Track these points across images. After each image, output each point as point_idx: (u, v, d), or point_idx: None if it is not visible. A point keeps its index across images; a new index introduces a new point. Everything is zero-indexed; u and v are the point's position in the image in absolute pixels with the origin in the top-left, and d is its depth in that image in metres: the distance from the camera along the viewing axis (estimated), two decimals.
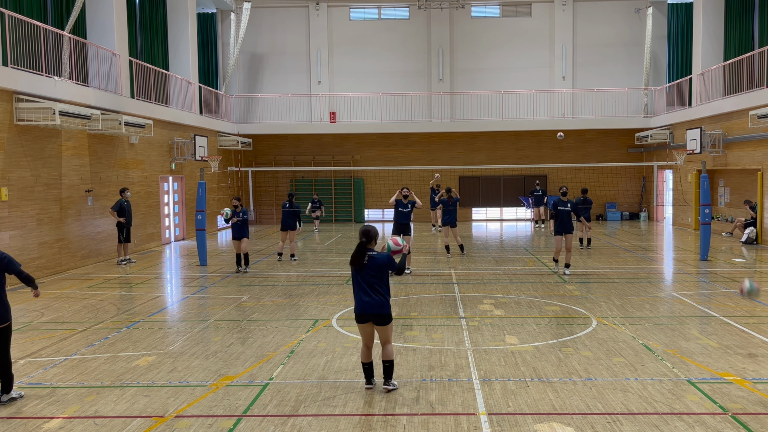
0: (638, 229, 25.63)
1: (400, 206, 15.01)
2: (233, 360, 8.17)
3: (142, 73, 20.77)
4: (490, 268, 15.64)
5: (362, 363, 7.08)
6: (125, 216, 16.70)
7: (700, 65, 24.26)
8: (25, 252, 14.40)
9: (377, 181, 29.58)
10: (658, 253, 18.67)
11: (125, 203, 16.82)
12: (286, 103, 29.52)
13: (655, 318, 10.25)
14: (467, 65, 30.09)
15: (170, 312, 11.41)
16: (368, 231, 7.05)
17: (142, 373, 7.67)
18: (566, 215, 14.60)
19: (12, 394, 6.84)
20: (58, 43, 16.22)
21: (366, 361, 7.05)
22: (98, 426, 6.15)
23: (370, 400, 6.69)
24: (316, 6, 29.93)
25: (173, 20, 24.16)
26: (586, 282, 13.55)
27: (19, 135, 14.37)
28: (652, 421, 6.07)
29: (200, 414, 6.39)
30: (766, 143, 19.52)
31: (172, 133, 22.33)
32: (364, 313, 6.92)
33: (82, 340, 9.24)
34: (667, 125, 26.61)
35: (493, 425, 6.03)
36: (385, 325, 6.94)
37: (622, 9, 29.64)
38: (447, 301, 11.72)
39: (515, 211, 30.41)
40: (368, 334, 7.02)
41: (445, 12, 29.73)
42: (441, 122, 29.25)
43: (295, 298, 12.25)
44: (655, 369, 7.60)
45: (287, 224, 16.86)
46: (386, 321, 6.93)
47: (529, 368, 7.67)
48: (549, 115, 29.48)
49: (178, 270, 16.49)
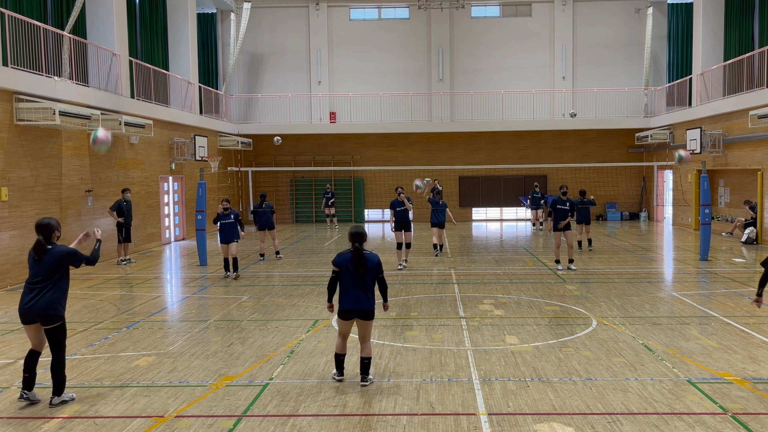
0: (638, 229, 25.63)
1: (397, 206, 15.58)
2: (233, 360, 8.17)
3: (142, 73, 20.77)
4: (490, 268, 15.64)
5: (336, 354, 7.28)
6: (124, 216, 16.73)
7: (700, 65, 24.26)
8: (25, 252, 14.39)
9: (377, 181, 29.57)
10: (658, 253, 18.67)
11: (124, 203, 16.83)
12: (286, 103, 29.52)
13: (655, 318, 10.25)
14: (467, 65, 30.09)
15: (170, 312, 11.41)
16: (361, 234, 7.17)
17: (142, 373, 7.67)
18: (564, 214, 14.63)
19: (63, 396, 6.70)
20: (58, 43, 16.22)
21: (341, 352, 7.27)
22: (98, 426, 6.14)
23: (370, 400, 6.69)
24: (316, 6, 29.94)
25: (173, 20, 24.16)
26: (586, 282, 13.55)
27: (19, 135, 14.37)
28: (652, 421, 6.07)
29: (200, 414, 6.39)
30: (766, 143, 19.52)
31: (172, 133, 22.34)
32: (354, 309, 7.08)
33: (82, 340, 9.23)
34: (667, 125, 26.61)
35: (493, 425, 6.03)
36: (370, 321, 7.16)
37: (622, 9, 29.65)
38: (447, 301, 11.72)
39: (515, 211, 30.42)
40: (348, 329, 7.25)
41: (445, 12, 29.73)
42: (441, 122, 29.26)
43: (295, 298, 12.25)
44: (655, 369, 7.60)
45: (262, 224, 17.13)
46: (371, 317, 7.16)
47: (529, 368, 7.67)
48: (549, 115, 29.48)
49: (178, 270, 16.49)
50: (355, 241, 7.16)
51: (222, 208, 14.56)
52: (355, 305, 7.08)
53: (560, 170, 28.55)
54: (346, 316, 7.15)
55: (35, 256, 6.68)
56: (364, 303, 7.09)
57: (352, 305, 7.09)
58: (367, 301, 7.10)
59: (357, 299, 7.08)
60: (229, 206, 14.61)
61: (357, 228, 7.22)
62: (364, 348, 7.18)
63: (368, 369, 7.16)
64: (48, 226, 6.79)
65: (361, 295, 7.09)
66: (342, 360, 7.32)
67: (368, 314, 7.13)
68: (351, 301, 7.10)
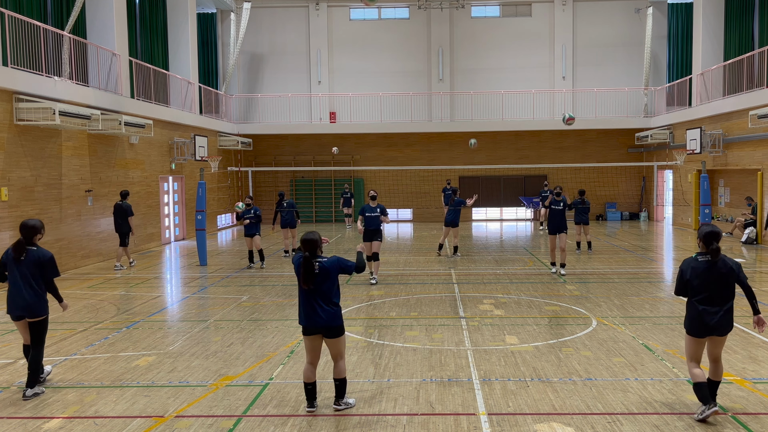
0: (638, 229, 25.63)
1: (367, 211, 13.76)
2: (233, 360, 8.17)
3: (142, 73, 20.77)
4: (490, 268, 15.63)
5: (304, 384, 6.33)
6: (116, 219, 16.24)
7: (700, 65, 24.25)
8: None
9: (377, 181, 29.55)
10: (658, 253, 18.67)
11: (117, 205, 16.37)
12: (286, 103, 29.51)
13: (655, 318, 10.25)
14: (467, 65, 30.09)
15: (170, 312, 11.41)
16: (312, 240, 6.23)
17: (142, 373, 7.67)
18: (559, 215, 14.49)
19: (36, 389, 6.94)
20: (58, 43, 16.22)
21: (309, 382, 6.31)
22: (98, 426, 6.14)
23: (370, 400, 6.69)
24: (316, 6, 29.93)
25: (173, 20, 24.16)
26: (586, 282, 13.55)
27: (19, 135, 14.37)
28: (652, 421, 6.07)
29: (200, 414, 6.39)
30: (766, 143, 19.52)
31: (172, 133, 22.34)
32: (315, 326, 6.23)
33: (82, 340, 9.24)
34: (667, 125, 26.61)
35: (493, 425, 6.03)
36: (337, 338, 6.28)
37: (622, 9, 29.64)
38: (447, 301, 11.72)
39: (515, 211, 30.41)
40: (315, 348, 6.33)
41: (445, 12, 29.73)
42: (441, 122, 29.25)
43: (295, 298, 12.23)
44: (655, 369, 7.60)
45: (286, 222, 17.34)
46: (338, 333, 6.27)
47: (529, 368, 7.67)
48: (549, 115, 29.47)
49: (178, 270, 16.49)
50: (305, 249, 6.24)
51: (245, 204, 15.97)
52: (309, 321, 6.22)
53: (560, 170, 28.54)
54: (306, 332, 6.29)
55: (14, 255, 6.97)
56: (322, 319, 6.18)
57: (305, 320, 6.25)
58: (325, 316, 6.18)
59: (312, 314, 6.20)
60: (251, 203, 16.02)
61: (307, 234, 6.28)
62: (336, 368, 6.36)
63: (343, 392, 6.38)
64: (33, 228, 7.00)
65: (317, 308, 6.18)
66: (312, 390, 6.34)
67: (331, 331, 6.23)
68: (305, 315, 6.24)
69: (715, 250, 6.03)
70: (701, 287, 6.07)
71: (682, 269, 6.19)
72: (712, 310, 6.03)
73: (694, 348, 6.20)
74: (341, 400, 6.41)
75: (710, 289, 6.05)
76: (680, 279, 6.22)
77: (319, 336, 6.32)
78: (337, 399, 6.43)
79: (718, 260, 6.06)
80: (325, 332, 6.27)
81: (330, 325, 6.23)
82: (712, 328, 6.04)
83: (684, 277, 6.16)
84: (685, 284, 6.16)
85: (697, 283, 6.08)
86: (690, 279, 6.11)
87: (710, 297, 6.05)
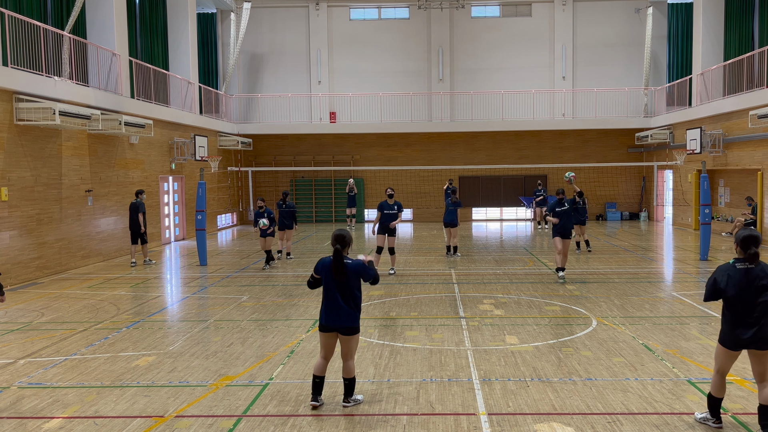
0: (638, 229, 25.63)
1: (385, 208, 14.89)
2: (233, 360, 8.17)
3: (142, 73, 20.77)
4: (490, 268, 15.64)
5: (314, 376, 6.53)
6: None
7: (700, 65, 24.26)
8: (25, 252, 14.41)
9: (377, 181, 29.56)
10: (658, 253, 18.67)
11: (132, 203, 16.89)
12: (286, 103, 29.52)
13: (655, 318, 10.25)
14: (467, 65, 30.09)
15: (170, 312, 11.41)
16: (343, 236, 6.54)
17: (142, 373, 7.67)
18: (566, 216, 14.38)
19: None
20: (58, 43, 16.22)
21: (319, 375, 6.52)
22: (98, 426, 6.14)
23: (371, 400, 6.69)
24: (316, 6, 29.94)
25: (173, 20, 24.16)
26: (586, 282, 13.55)
27: (19, 135, 14.37)
28: (652, 421, 6.07)
29: (200, 414, 6.39)
30: (766, 143, 19.52)
31: (172, 133, 22.34)
32: (333, 324, 6.45)
33: (82, 340, 9.23)
34: (667, 125, 26.61)
35: (493, 425, 6.03)
36: (351, 336, 6.48)
37: (622, 9, 29.65)
38: (447, 301, 11.72)
39: (515, 211, 30.41)
40: (330, 345, 6.55)
41: (445, 12, 29.73)
42: (441, 122, 29.26)
43: (295, 298, 12.25)
44: (655, 369, 7.60)
45: (283, 224, 17.10)
46: (354, 332, 6.49)
47: (529, 368, 7.67)
48: (549, 115, 29.48)
49: (178, 270, 16.49)
50: (335, 243, 6.51)
51: (257, 206, 16.12)
52: (331, 319, 6.45)
53: (560, 170, 28.54)
54: (323, 329, 6.51)
55: None
56: (342, 317, 6.42)
57: (326, 318, 6.48)
58: (346, 315, 6.43)
59: (334, 311, 6.43)
60: (263, 205, 16.10)
61: (339, 231, 6.60)
62: (345, 367, 6.54)
63: (352, 390, 6.57)
64: None
65: (341, 306, 6.42)
66: (320, 383, 6.54)
67: (348, 330, 6.45)
68: (327, 312, 6.48)
69: (754, 255, 5.58)
70: (738, 296, 5.60)
71: (717, 277, 5.74)
72: (750, 321, 5.55)
73: (723, 359, 5.78)
74: (350, 398, 6.57)
75: (748, 298, 5.58)
76: (713, 286, 5.77)
77: (334, 334, 6.51)
78: (346, 397, 6.57)
79: (756, 266, 5.63)
80: (342, 330, 6.48)
81: (347, 324, 6.46)
82: (748, 341, 5.57)
83: (718, 285, 5.70)
84: (718, 292, 5.72)
85: (733, 292, 5.61)
86: (726, 288, 5.65)
87: (747, 307, 5.58)
